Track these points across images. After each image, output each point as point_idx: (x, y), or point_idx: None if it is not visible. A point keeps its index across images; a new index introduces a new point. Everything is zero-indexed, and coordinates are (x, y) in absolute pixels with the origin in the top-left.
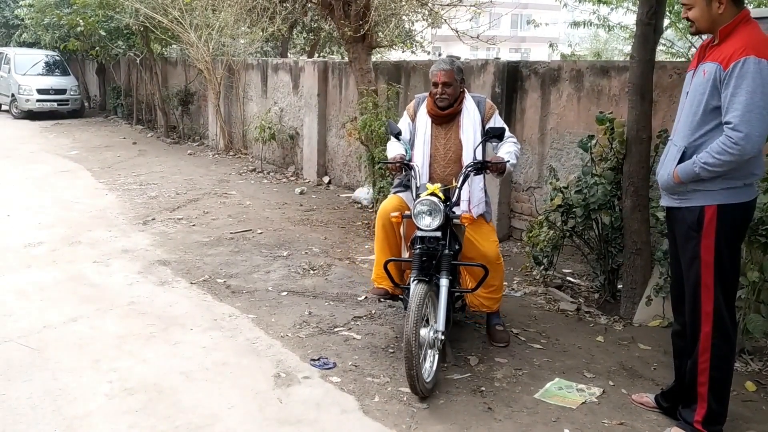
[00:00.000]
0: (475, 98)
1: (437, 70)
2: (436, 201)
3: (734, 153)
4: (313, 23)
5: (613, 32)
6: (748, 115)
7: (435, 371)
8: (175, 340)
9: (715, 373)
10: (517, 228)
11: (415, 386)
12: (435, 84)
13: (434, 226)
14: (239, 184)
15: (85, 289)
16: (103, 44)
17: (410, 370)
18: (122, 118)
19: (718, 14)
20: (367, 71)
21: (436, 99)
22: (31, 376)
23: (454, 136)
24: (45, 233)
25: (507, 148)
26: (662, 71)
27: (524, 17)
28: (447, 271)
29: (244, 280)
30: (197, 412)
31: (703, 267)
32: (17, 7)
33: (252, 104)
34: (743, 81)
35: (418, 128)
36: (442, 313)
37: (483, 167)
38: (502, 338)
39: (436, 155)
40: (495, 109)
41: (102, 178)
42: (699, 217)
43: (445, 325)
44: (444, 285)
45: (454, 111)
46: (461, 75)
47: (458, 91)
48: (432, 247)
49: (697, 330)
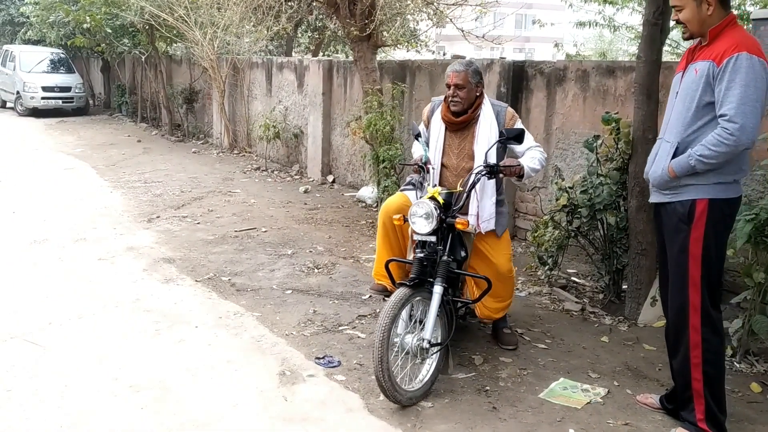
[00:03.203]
0: (495, 106)
1: (450, 71)
2: (432, 205)
3: (730, 144)
4: (318, 22)
5: (618, 32)
6: (743, 107)
7: (426, 381)
8: (180, 337)
9: (708, 367)
10: (521, 228)
11: (386, 391)
12: (448, 86)
13: (426, 231)
14: (244, 183)
15: (91, 286)
16: (109, 42)
17: (378, 374)
18: (127, 116)
19: (707, 15)
20: (372, 70)
21: (450, 102)
22: (37, 373)
23: (468, 146)
24: (50, 230)
25: (531, 154)
26: (668, 71)
27: (529, 17)
28: (442, 278)
29: (249, 278)
30: (202, 409)
31: (690, 260)
32: (23, 4)
33: (256, 103)
34: (737, 75)
35: (432, 134)
36: (431, 320)
37: (495, 172)
38: (510, 341)
39: (448, 164)
40: (517, 118)
41: (106, 175)
42: (690, 210)
43: (447, 334)
44: (437, 292)
45: (469, 118)
46: (478, 78)
47: (474, 96)
48: (432, 252)
49: (685, 324)
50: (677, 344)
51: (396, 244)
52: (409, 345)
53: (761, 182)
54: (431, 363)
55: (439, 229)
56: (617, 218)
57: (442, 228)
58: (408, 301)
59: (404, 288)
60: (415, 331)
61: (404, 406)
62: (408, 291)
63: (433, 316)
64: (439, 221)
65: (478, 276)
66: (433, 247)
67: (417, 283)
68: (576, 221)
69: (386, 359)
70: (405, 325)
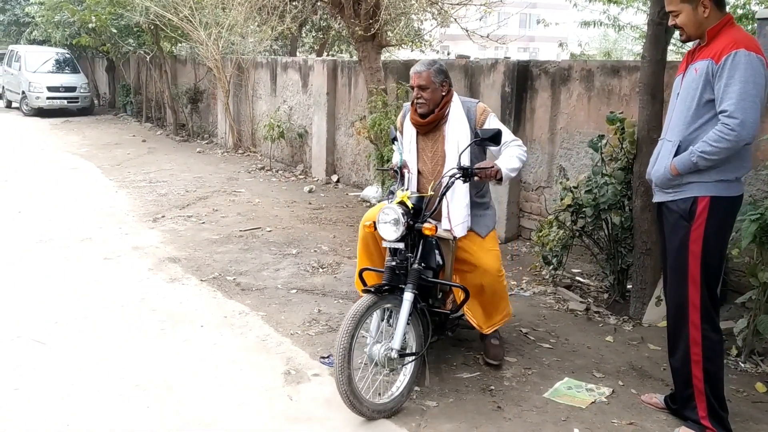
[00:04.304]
0: (465, 103)
1: (412, 72)
2: (399, 211)
3: (731, 139)
4: (323, 22)
5: (622, 32)
6: (743, 103)
7: (397, 394)
8: (186, 336)
9: (708, 365)
10: (526, 227)
11: (349, 402)
12: (412, 87)
13: (392, 237)
14: (248, 182)
15: (96, 285)
16: (114, 42)
17: (338, 383)
18: (131, 116)
19: (704, 18)
20: (376, 70)
21: (416, 105)
22: (43, 372)
23: (440, 148)
24: (56, 230)
25: (509, 152)
26: (673, 71)
27: (533, 16)
28: (413, 284)
29: (254, 277)
30: (207, 408)
31: (690, 257)
32: (28, 4)
33: (261, 102)
34: (736, 72)
35: (405, 141)
36: (400, 329)
37: (470, 175)
38: (496, 355)
39: (423, 170)
40: (488, 113)
41: (112, 175)
42: (692, 207)
43: (422, 345)
44: (407, 299)
45: (437, 118)
46: (442, 77)
47: (439, 96)
48: (403, 260)
49: (684, 321)
50: (677, 342)
51: (376, 253)
52: (377, 355)
53: (766, 182)
54: (405, 374)
55: (409, 235)
56: (622, 218)
57: (412, 234)
58: (374, 308)
59: (369, 295)
60: (383, 341)
61: (369, 419)
62: (373, 298)
63: (402, 325)
64: (407, 227)
65: (455, 285)
66: (404, 255)
67: (388, 291)
68: (581, 221)
69: (347, 368)
70: (372, 336)
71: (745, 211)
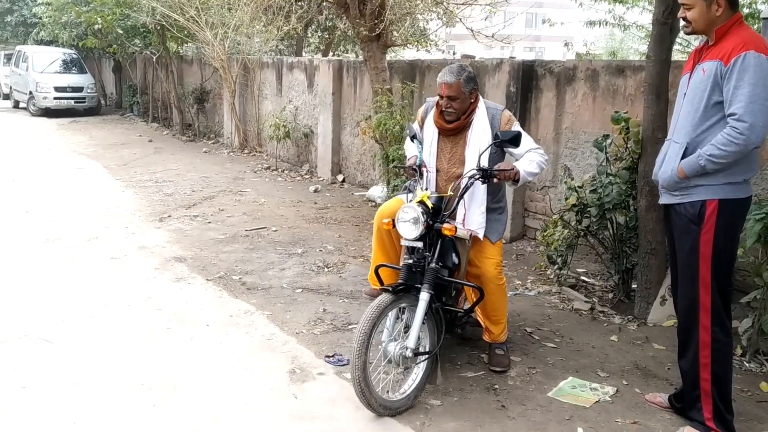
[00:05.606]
0: (491, 110)
1: (441, 82)
2: (419, 210)
3: (739, 143)
4: (328, 22)
5: (628, 31)
6: (752, 106)
7: (410, 391)
8: (191, 335)
9: (717, 367)
10: (531, 227)
11: (365, 399)
12: (440, 96)
13: (412, 236)
14: (254, 182)
15: (102, 284)
16: (120, 42)
17: (355, 381)
18: (138, 116)
19: (716, 16)
20: (381, 70)
21: (443, 112)
22: (50, 370)
23: (460, 150)
24: (62, 229)
25: (530, 157)
26: (678, 71)
27: (539, 16)
28: (429, 284)
29: (260, 277)
30: (212, 407)
31: (701, 260)
32: (35, 5)
33: (267, 102)
34: (745, 74)
35: (425, 138)
36: (416, 328)
37: (489, 176)
38: (501, 362)
39: (439, 168)
40: (513, 121)
41: (118, 175)
42: (700, 210)
43: (436, 344)
44: (423, 299)
45: (462, 124)
46: (471, 85)
47: (467, 104)
48: (420, 259)
49: (695, 324)
50: (687, 344)
51: (391, 249)
52: (392, 353)
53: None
54: (417, 372)
55: (427, 234)
56: (627, 217)
57: (430, 234)
58: (391, 306)
59: (387, 294)
60: (399, 339)
61: (375, 412)
62: (391, 297)
63: (418, 324)
64: (426, 227)
65: (470, 284)
66: (421, 253)
67: (404, 289)
68: (585, 220)
69: (363, 354)
70: (389, 333)
71: (750, 211)
